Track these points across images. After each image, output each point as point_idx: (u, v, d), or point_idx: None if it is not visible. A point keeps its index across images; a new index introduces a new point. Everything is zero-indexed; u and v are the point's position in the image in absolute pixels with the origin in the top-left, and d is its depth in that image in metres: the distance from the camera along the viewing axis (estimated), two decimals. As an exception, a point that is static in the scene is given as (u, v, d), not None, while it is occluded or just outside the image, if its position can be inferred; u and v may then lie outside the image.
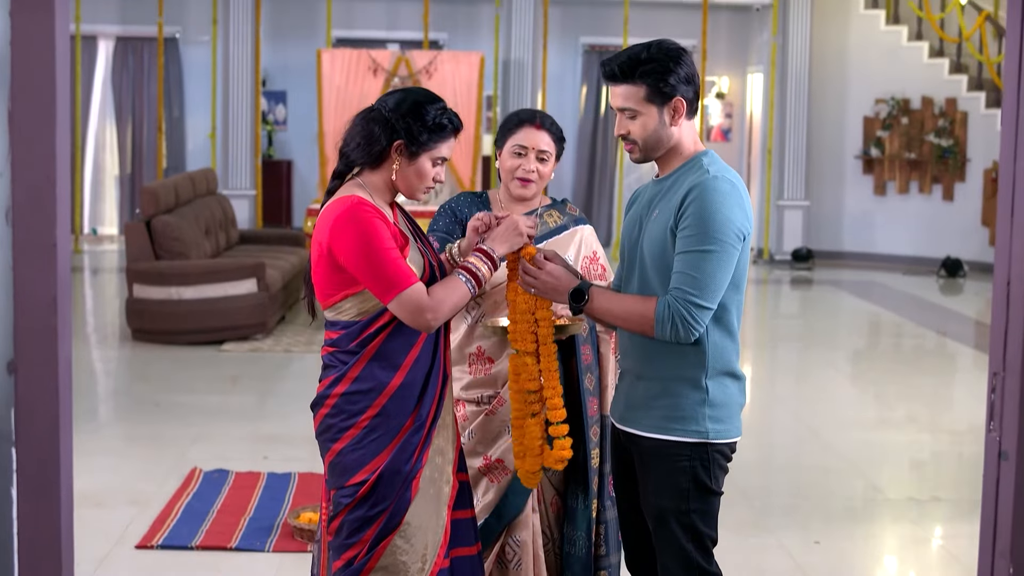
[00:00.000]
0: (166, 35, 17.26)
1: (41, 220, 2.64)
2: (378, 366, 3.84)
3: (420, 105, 3.89)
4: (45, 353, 2.69)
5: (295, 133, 18.24)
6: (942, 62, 16.92)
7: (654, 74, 3.81)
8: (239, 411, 9.07)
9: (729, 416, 3.92)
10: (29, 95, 2.63)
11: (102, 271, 15.49)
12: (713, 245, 3.72)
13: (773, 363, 11.23)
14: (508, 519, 4.57)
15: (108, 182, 18.09)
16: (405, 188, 3.93)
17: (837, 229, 17.42)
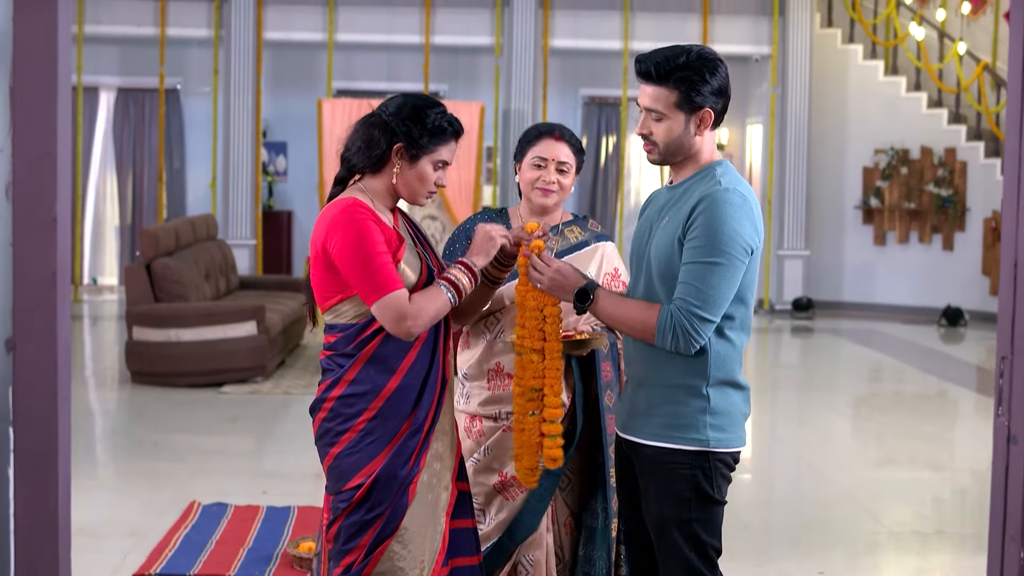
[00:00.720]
0: (167, 86, 17.33)
1: (42, 194, 2.63)
2: (375, 369, 3.83)
3: (420, 109, 3.90)
4: (44, 330, 2.67)
5: (295, 184, 18.27)
6: (941, 112, 16.97)
7: (688, 81, 3.78)
8: (238, 449, 9.03)
9: (731, 425, 3.88)
10: (31, 71, 2.62)
11: (102, 319, 15.46)
12: (719, 258, 3.69)
13: (774, 406, 11.18)
14: (521, 538, 4.54)
15: (108, 232, 18.10)
16: (407, 192, 3.93)
17: (837, 279, 17.41)
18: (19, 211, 2.65)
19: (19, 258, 2.65)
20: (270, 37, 16.60)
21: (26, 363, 2.68)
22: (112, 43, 17.23)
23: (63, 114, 2.66)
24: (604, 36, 16.73)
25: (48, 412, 2.72)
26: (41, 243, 2.65)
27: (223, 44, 16.50)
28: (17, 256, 2.65)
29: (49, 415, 2.72)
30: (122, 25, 16.51)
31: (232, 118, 16.53)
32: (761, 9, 16.90)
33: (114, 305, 16.42)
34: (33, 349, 2.68)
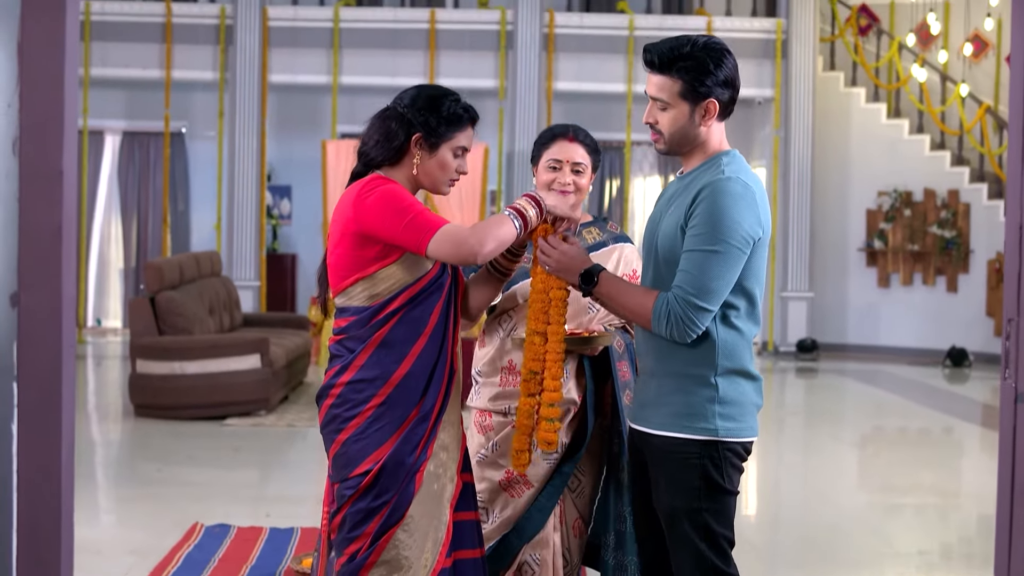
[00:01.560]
0: (172, 130, 17.40)
1: (49, 148, 2.63)
2: (384, 354, 3.83)
3: (434, 98, 3.92)
4: (49, 284, 2.67)
5: (299, 227, 18.31)
6: (944, 155, 17.00)
7: (692, 71, 3.78)
8: (241, 477, 9.00)
9: (742, 415, 3.85)
10: (38, 25, 2.64)
11: (106, 358, 15.45)
12: (718, 246, 3.69)
13: (779, 438, 11.15)
14: (528, 536, 4.52)
15: (113, 274, 18.12)
16: (429, 182, 3.94)
17: (841, 321, 17.39)
18: (25, 165, 2.65)
19: (25, 212, 2.65)
20: (275, 80, 16.67)
21: (31, 317, 2.67)
22: (118, 86, 17.30)
23: (70, 68, 2.67)
24: (607, 79, 16.80)
25: (52, 368, 2.71)
26: (47, 196, 2.65)
27: (228, 87, 16.57)
28: (23, 209, 2.65)
29: (53, 371, 2.71)
30: (128, 68, 16.58)
31: (237, 161, 16.57)
32: (764, 52, 16.98)
33: (118, 346, 16.40)
34: (38, 303, 2.68)
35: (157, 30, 16.48)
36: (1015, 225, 2.87)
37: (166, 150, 17.05)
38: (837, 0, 17.58)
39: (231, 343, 11.07)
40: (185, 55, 16.62)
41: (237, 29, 16.36)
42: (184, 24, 16.51)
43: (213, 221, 17.15)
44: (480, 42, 16.72)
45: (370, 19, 16.57)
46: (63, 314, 2.71)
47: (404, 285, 3.82)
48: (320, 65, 16.65)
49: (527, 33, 16.57)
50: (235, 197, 16.57)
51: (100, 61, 16.44)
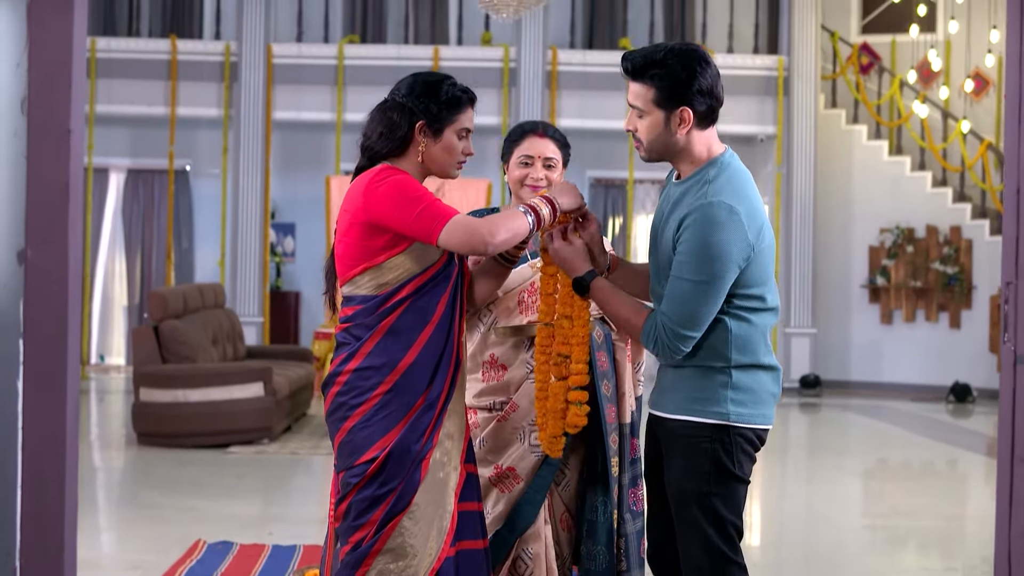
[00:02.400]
0: (176, 167, 17.46)
1: (57, 106, 2.66)
2: (391, 342, 3.84)
3: (431, 84, 3.96)
4: (56, 242, 2.69)
5: (303, 265, 18.33)
6: (945, 191, 17.05)
7: (665, 79, 3.80)
8: (244, 501, 8.99)
9: (755, 402, 3.87)
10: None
11: (109, 393, 15.44)
12: (703, 276, 3.72)
13: (783, 467, 11.12)
14: (520, 530, 4.52)
15: (116, 312, 18.14)
16: (437, 167, 3.97)
17: (844, 358, 17.38)
18: (34, 123, 2.68)
19: (33, 169, 2.68)
20: (279, 117, 16.74)
21: (38, 274, 2.69)
22: (123, 124, 17.36)
23: (79, 27, 2.70)
24: (610, 116, 16.83)
25: (58, 325, 2.73)
26: (55, 154, 2.68)
27: (232, 124, 16.64)
28: (31, 167, 2.67)
29: (59, 328, 2.73)
30: (133, 105, 16.66)
31: (241, 198, 16.62)
32: (766, 89, 17.05)
33: (121, 381, 16.39)
34: (45, 259, 2.70)
35: (162, 67, 16.57)
36: (1012, 190, 2.89)
37: (170, 187, 17.11)
38: (839, 38, 17.65)
39: (234, 371, 11.09)
40: (190, 92, 16.69)
41: (242, 66, 16.45)
42: (189, 61, 16.60)
43: (217, 258, 17.18)
44: (483, 79, 16.79)
45: (374, 56, 16.66)
46: (69, 271, 2.73)
47: (412, 275, 3.85)
48: (324, 102, 16.73)
49: (530, 70, 16.66)
50: (239, 234, 16.60)
51: (105, 98, 16.52)
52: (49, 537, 2.69)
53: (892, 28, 18.15)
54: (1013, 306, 2.84)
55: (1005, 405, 2.87)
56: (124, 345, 18.04)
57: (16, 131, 2.66)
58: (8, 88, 2.66)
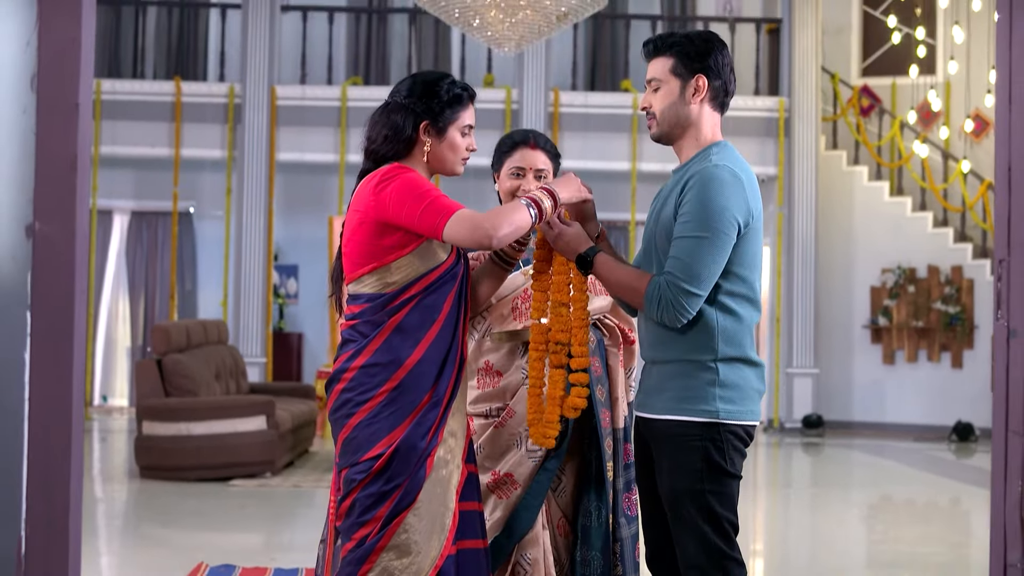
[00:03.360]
0: (180, 209, 17.54)
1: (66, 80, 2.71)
2: (398, 339, 3.86)
3: (431, 83, 4.01)
4: (64, 214, 2.74)
5: (306, 306, 18.37)
6: (946, 231, 17.10)
7: (684, 48, 3.97)
8: (247, 531, 8.99)
9: (742, 398, 3.91)
10: (56, -34, 2.72)
11: (111, 432, 15.44)
12: (706, 232, 3.79)
13: (786, 499, 11.13)
14: (518, 536, 4.52)
15: (120, 353, 18.17)
16: (442, 165, 4.02)
17: (847, 398, 17.38)
18: (43, 99, 2.72)
19: (41, 143, 2.72)
20: (282, 158, 16.81)
21: (46, 246, 2.73)
22: (127, 165, 17.45)
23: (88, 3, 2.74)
24: (612, 158, 16.95)
25: (65, 298, 2.77)
26: (63, 127, 2.72)
27: (236, 166, 16.72)
28: (40, 142, 2.72)
29: (66, 301, 2.77)
30: (137, 146, 16.75)
31: (244, 240, 16.68)
32: (767, 131, 17.15)
33: (123, 422, 16.40)
34: (53, 232, 2.74)
35: (166, 109, 16.68)
36: (1003, 168, 2.94)
37: (174, 228, 17.18)
38: (839, 80, 17.76)
39: (237, 404, 11.11)
40: (194, 134, 16.79)
41: (245, 108, 16.54)
42: (193, 103, 16.70)
43: (220, 299, 17.22)
44: (486, 120, 16.87)
45: (377, 98, 16.64)
46: (76, 245, 2.77)
47: (419, 274, 3.88)
48: (327, 143, 16.81)
49: (532, 112, 16.75)
50: (242, 276, 16.66)
51: (110, 139, 16.61)
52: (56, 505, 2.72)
53: (892, 70, 18.27)
54: (1006, 283, 2.87)
55: (999, 381, 2.90)
56: (127, 386, 18.06)
57: (26, 108, 2.71)
58: (18, 66, 2.70)
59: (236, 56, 17.13)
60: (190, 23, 17.95)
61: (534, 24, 10.83)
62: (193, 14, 17.93)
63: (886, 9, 18.15)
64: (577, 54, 17.81)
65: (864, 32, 18.57)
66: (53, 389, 2.76)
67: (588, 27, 18.11)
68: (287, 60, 17.60)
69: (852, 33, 18.54)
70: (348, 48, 17.84)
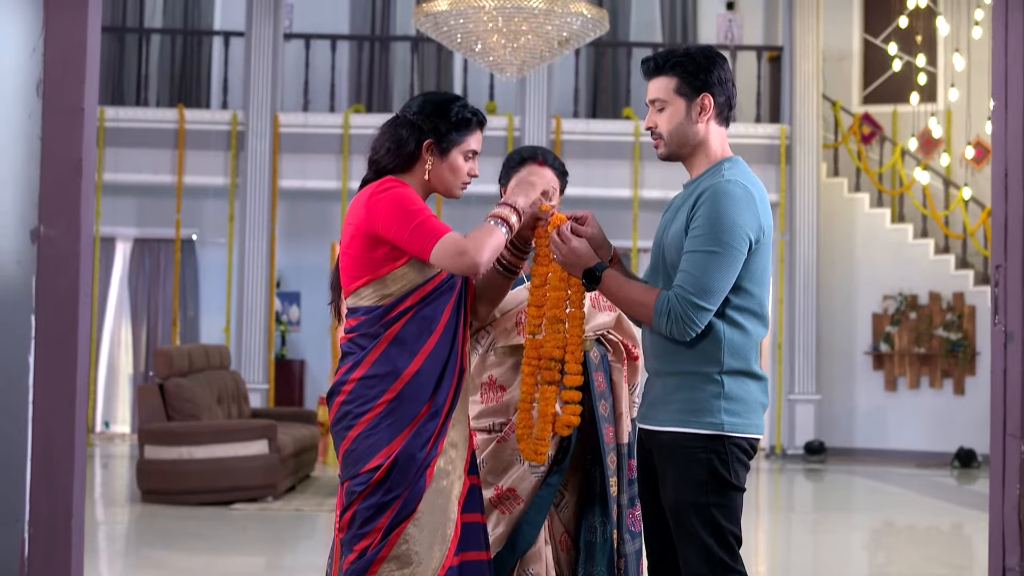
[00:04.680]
0: (183, 236, 17.55)
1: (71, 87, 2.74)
2: (396, 351, 3.87)
3: (442, 104, 4.02)
4: (69, 217, 2.76)
5: (308, 334, 18.37)
6: (948, 258, 17.11)
7: (686, 66, 3.96)
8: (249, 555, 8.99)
9: (747, 411, 3.91)
10: (62, -27, 2.75)
11: (113, 458, 15.44)
12: (717, 247, 3.79)
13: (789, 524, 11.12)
14: (521, 551, 4.51)
15: (122, 380, 18.16)
16: (442, 187, 4.03)
17: (849, 424, 17.36)
18: (48, 104, 2.75)
19: (47, 148, 2.74)
20: (285, 185, 16.84)
21: (50, 250, 2.75)
22: (129, 193, 17.47)
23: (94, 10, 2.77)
24: (614, 185, 16.96)
25: (70, 301, 2.79)
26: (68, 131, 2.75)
27: (239, 193, 16.74)
28: (45, 147, 2.74)
29: (70, 304, 2.79)
30: (140, 173, 16.78)
31: (246, 267, 16.69)
32: (768, 158, 17.17)
33: (125, 448, 16.39)
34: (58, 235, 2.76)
35: (169, 136, 16.72)
36: (1000, 174, 2.96)
37: (176, 255, 17.20)
38: (840, 108, 17.81)
39: (239, 428, 11.12)
40: (197, 161, 16.81)
41: (248, 135, 16.58)
42: (196, 130, 16.74)
43: (223, 325, 17.22)
44: (488, 148, 16.59)
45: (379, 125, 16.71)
46: (81, 249, 2.79)
47: (415, 285, 3.89)
48: (330, 170, 16.84)
49: (534, 139, 16.76)
50: (244, 303, 16.67)
51: (112, 167, 16.63)
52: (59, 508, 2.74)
53: (893, 98, 18.31)
54: (1003, 288, 2.89)
55: (996, 385, 2.92)
56: (129, 412, 18.05)
57: (31, 113, 2.73)
58: (24, 72, 2.73)
59: (239, 84, 17.18)
60: (193, 51, 18.02)
61: (536, 49, 10.88)
62: (196, 42, 18.00)
63: (887, 37, 18.20)
64: (579, 81, 17.86)
65: (865, 60, 18.62)
66: (57, 392, 2.77)
67: (590, 55, 18.15)
68: (290, 88, 17.65)
69: (853, 61, 18.59)
70: (351, 76, 17.90)
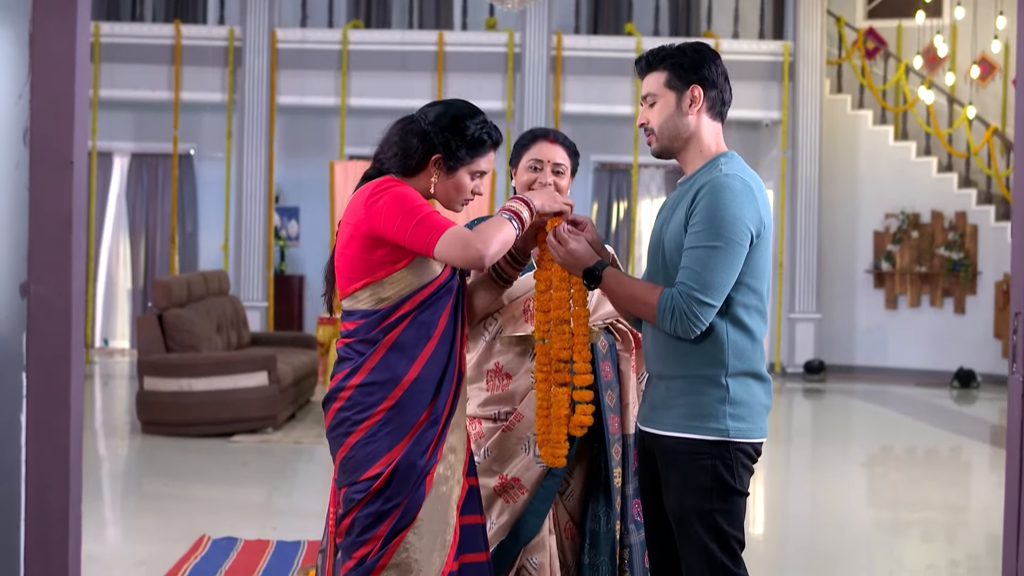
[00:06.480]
0: (181, 151, 17.43)
1: (59, 137, 2.65)
2: (395, 357, 3.80)
3: (460, 119, 3.89)
4: (58, 274, 2.68)
5: (307, 248, 18.31)
6: (951, 176, 17.01)
7: (677, 60, 3.92)
8: (248, 491, 9.00)
9: (751, 416, 3.86)
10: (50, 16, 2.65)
11: (113, 378, 15.45)
12: (719, 242, 3.72)
13: (787, 455, 11.12)
14: (525, 541, 4.48)
15: (121, 295, 18.14)
16: (443, 199, 3.94)
17: (849, 343, 17.37)
18: (36, 155, 2.66)
19: (35, 201, 2.66)
20: (283, 102, 16.70)
21: (40, 307, 2.68)
22: (126, 108, 17.34)
23: (81, 60, 2.68)
24: (615, 101, 16.80)
25: (61, 358, 2.72)
26: (57, 186, 2.66)
27: (236, 109, 16.61)
28: (33, 200, 2.66)
29: (62, 361, 2.72)
30: (137, 89, 16.63)
31: (245, 182, 16.60)
32: (771, 75, 17.00)
33: (125, 366, 16.41)
34: (47, 292, 2.68)
35: (166, 52, 16.54)
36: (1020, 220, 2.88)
37: (174, 171, 17.09)
38: (844, 23, 17.58)
39: (238, 360, 11.08)
40: (194, 77, 16.66)
41: (246, 51, 16.41)
42: (193, 46, 16.56)
43: (221, 242, 17.16)
44: (488, 64, 16.76)
45: (378, 41, 16.62)
46: (72, 304, 2.72)
47: (413, 289, 3.81)
48: (328, 87, 16.69)
49: (535, 55, 16.61)
50: (243, 218, 16.60)
51: (109, 83, 16.48)
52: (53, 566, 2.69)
53: (898, 13, 18.10)
54: (1021, 336, 2.82)
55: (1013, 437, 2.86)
56: (128, 328, 18.05)
57: (18, 162, 2.65)
58: (10, 119, 2.64)
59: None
60: (189, -37, 17.76)
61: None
62: (192, -46, 17.75)
63: (893, -51, 17.95)
64: (580, -4, 17.67)
65: (871, -27, 18.39)
66: (50, 451, 2.71)
67: (592, -32, 17.93)
68: (287, 3, 17.45)
69: (858, -26, 18.36)
70: (349, -11, 17.67)
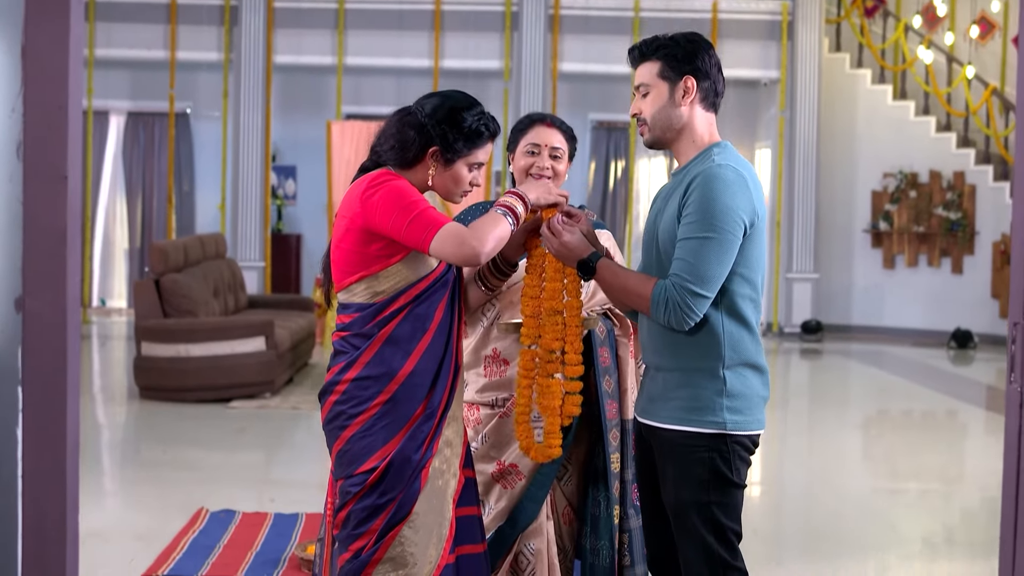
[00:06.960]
0: (177, 110, 17.38)
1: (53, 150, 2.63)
2: (390, 351, 3.79)
3: (457, 111, 3.85)
4: (53, 289, 2.66)
5: (304, 208, 18.28)
6: (950, 136, 16.97)
7: (670, 50, 3.90)
8: (246, 460, 9.02)
9: (749, 408, 3.86)
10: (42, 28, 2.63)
11: (111, 339, 15.46)
12: (712, 232, 3.70)
13: (784, 419, 11.13)
14: (522, 527, 4.49)
15: (118, 254, 18.13)
16: (441, 191, 3.92)
17: (846, 302, 17.38)
18: (30, 168, 2.64)
19: (29, 215, 2.64)
20: (279, 61, 16.65)
21: (36, 321, 2.67)
22: (122, 67, 17.27)
23: (75, 72, 2.65)
24: (612, 60, 16.71)
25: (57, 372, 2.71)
26: (52, 200, 2.65)
27: (233, 68, 16.55)
28: (27, 214, 2.64)
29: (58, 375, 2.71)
30: (132, 48, 16.56)
31: (241, 141, 16.56)
32: (770, 34, 16.93)
33: (122, 326, 16.42)
34: (43, 307, 2.67)
35: (162, 11, 16.47)
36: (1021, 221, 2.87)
37: (171, 130, 17.04)
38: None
39: (236, 325, 11.08)
40: (189, 36, 16.59)
41: (242, 10, 16.33)
42: (189, 5, 16.49)
43: (218, 201, 17.13)
44: (485, 23, 16.69)
45: (375, 0, 16.53)
46: (68, 318, 2.70)
47: (409, 283, 3.80)
48: (325, 46, 16.63)
49: (532, 14, 16.53)
50: (240, 177, 16.57)
51: (104, 42, 16.41)
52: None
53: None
54: (1020, 346, 2.81)
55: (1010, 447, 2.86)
56: (125, 288, 18.04)
57: (12, 176, 2.63)
58: (3, 133, 2.62)
59: (232, -44, 16.89)
60: (184, -80, 17.62)
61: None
62: (187, -89, 17.61)
63: (893, -94, 17.83)
64: (578, -46, 17.55)
65: (870, -70, 18.26)
66: (47, 465, 2.71)
67: (590, -75, 17.81)
68: (283, -40, 17.33)
69: (858, -69, 18.24)
70: (345, -53, 17.54)
